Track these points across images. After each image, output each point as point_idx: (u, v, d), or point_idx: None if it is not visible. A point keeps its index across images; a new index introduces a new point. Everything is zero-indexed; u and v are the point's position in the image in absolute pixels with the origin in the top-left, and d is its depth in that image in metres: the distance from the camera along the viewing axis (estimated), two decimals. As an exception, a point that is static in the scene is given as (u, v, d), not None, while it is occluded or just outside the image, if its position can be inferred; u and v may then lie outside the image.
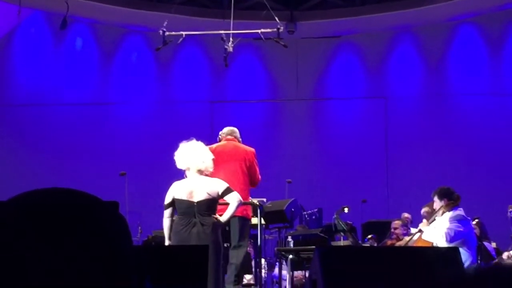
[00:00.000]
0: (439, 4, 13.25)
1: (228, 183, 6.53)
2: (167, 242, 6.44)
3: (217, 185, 6.41)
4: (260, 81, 15.02)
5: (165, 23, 9.58)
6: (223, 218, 6.45)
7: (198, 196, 6.31)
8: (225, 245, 6.96)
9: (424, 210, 9.04)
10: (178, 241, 6.25)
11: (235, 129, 7.78)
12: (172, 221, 6.44)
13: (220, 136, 7.74)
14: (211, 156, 6.58)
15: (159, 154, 12.82)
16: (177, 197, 6.35)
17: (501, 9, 13.73)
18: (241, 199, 6.55)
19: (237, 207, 6.47)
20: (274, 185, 12.62)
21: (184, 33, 9.60)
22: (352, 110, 14.79)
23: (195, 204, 6.29)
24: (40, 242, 2.29)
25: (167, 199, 6.42)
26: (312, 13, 13.95)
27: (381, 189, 14.20)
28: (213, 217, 6.34)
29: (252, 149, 7.61)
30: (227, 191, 6.40)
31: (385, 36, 14.69)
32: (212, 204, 6.38)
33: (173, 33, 9.60)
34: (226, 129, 7.77)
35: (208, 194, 6.33)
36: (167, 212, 6.42)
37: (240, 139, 7.77)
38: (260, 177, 7.61)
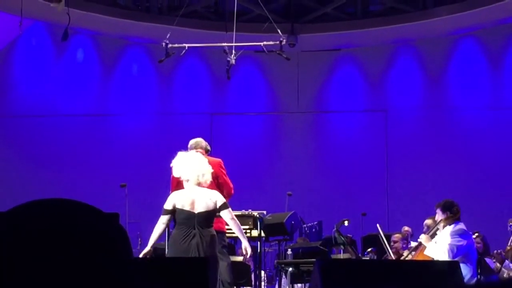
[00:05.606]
0: (439, 18, 13.29)
1: None
2: (148, 247, 6.35)
3: (216, 198, 6.41)
4: (261, 93, 15.02)
5: (168, 35, 9.58)
6: (247, 244, 6.48)
7: (199, 207, 6.30)
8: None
9: (427, 222, 9.00)
10: (176, 252, 6.21)
11: (199, 140, 7.54)
12: (165, 229, 6.42)
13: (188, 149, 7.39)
14: (210, 169, 6.55)
15: (159, 166, 12.76)
16: (178, 206, 6.31)
17: (501, 23, 13.76)
18: (234, 216, 6.49)
19: (239, 226, 6.48)
20: (274, 198, 12.63)
21: (187, 45, 9.59)
22: (353, 123, 14.78)
23: (195, 215, 6.27)
24: (40, 253, 2.28)
25: (168, 205, 6.35)
26: (313, 26, 13.97)
27: (381, 202, 14.18)
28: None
29: (218, 160, 7.37)
30: (224, 206, 6.40)
31: (386, 50, 14.71)
32: (211, 216, 6.38)
33: (176, 45, 9.60)
34: (191, 142, 7.54)
35: (208, 206, 6.32)
36: (164, 218, 6.35)
37: (209, 148, 7.56)
38: (232, 186, 7.37)
